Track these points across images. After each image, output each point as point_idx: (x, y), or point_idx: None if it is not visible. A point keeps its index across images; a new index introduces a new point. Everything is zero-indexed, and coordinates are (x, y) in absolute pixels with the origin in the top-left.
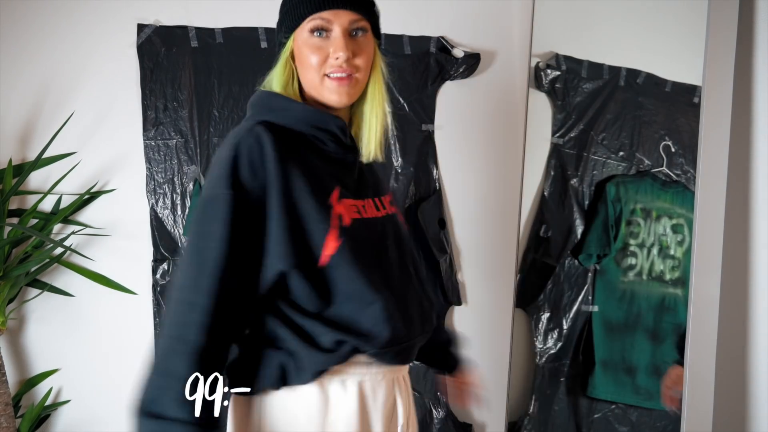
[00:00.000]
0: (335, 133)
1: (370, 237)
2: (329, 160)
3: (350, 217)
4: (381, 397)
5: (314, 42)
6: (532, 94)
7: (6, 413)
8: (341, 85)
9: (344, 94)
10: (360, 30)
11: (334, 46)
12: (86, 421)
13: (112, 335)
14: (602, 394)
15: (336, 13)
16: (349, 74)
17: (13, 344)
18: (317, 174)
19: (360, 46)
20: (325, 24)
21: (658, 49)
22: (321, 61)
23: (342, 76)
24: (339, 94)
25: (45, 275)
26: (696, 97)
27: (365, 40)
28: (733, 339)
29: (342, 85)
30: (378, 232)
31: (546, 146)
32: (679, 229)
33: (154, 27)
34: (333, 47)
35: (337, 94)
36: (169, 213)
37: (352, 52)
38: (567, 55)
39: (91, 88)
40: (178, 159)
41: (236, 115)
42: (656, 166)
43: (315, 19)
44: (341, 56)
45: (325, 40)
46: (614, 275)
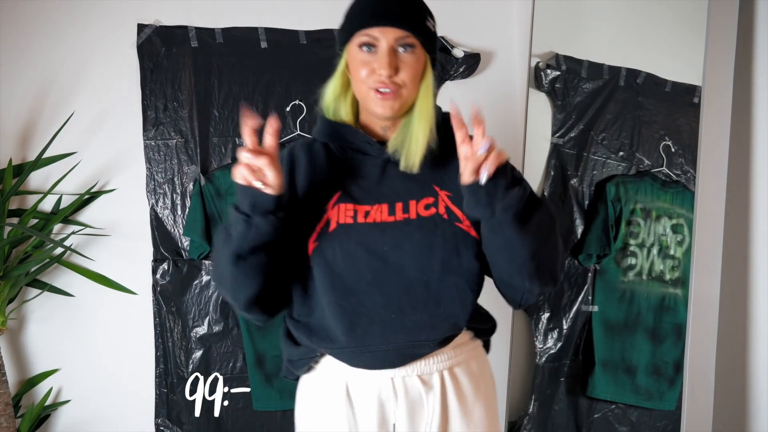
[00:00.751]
0: (358, 147)
1: (360, 241)
2: (342, 166)
3: (340, 222)
4: (366, 398)
5: (362, 57)
6: (532, 94)
7: (6, 413)
8: (385, 100)
9: (388, 107)
10: (407, 46)
11: (378, 62)
12: (86, 421)
13: (112, 335)
14: (602, 394)
15: (383, 30)
16: (393, 90)
17: (13, 344)
18: (322, 180)
19: (406, 63)
20: (372, 40)
21: (658, 49)
22: (368, 75)
23: (386, 91)
24: (383, 108)
25: (45, 275)
26: (696, 97)
27: (412, 56)
28: (733, 339)
29: (386, 100)
30: (373, 237)
31: (546, 146)
32: (679, 229)
33: (154, 27)
34: (378, 63)
35: (381, 108)
36: (169, 213)
37: (396, 69)
38: (567, 55)
39: (91, 88)
40: (178, 159)
41: (236, 115)
42: (656, 166)
43: (363, 35)
44: (383, 73)
45: (372, 55)
46: (614, 275)
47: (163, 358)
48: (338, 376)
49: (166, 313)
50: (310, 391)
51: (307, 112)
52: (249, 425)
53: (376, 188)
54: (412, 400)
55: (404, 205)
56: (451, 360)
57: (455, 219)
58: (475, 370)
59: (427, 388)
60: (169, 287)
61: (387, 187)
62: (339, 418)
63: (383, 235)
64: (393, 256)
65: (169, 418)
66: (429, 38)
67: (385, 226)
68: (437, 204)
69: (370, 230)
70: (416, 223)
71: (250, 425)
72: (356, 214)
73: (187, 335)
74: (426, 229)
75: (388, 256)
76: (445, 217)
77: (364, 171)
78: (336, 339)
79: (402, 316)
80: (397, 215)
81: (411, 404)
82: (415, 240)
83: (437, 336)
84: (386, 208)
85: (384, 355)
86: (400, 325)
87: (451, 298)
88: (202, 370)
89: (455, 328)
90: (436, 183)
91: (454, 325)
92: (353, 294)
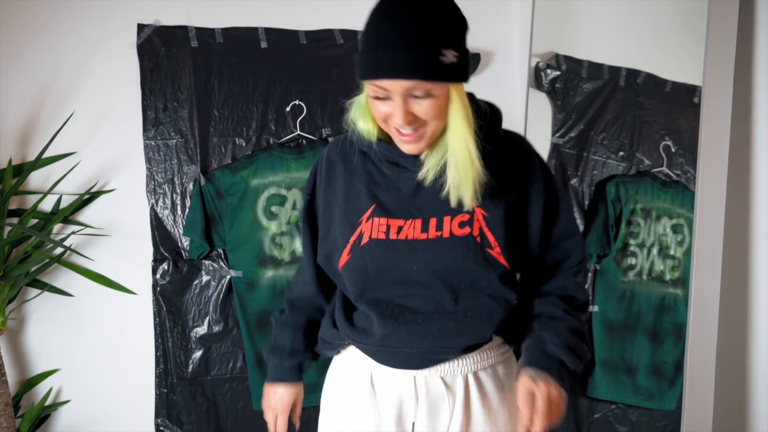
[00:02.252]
0: (394, 160)
1: (391, 258)
2: (378, 177)
3: (372, 237)
4: (387, 393)
5: (377, 104)
6: (532, 94)
7: (6, 413)
8: (409, 142)
9: (413, 149)
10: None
11: (394, 111)
12: (86, 421)
13: (112, 335)
14: (602, 394)
15: (392, 83)
16: (415, 131)
17: (13, 344)
18: (358, 190)
19: (423, 107)
20: (383, 93)
21: (658, 49)
22: (385, 120)
23: (408, 132)
24: (408, 148)
25: (45, 275)
26: (696, 97)
27: (430, 100)
28: (733, 339)
29: (410, 141)
30: (404, 255)
31: (546, 146)
32: (679, 229)
33: (154, 27)
34: (394, 112)
35: (407, 147)
36: (169, 213)
37: (413, 116)
38: (567, 55)
39: (91, 88)
40: (178, 159)
41: (236, 115)
42: (656, 166)
43: (372, 86)
44: (399, 123)
45: (387, 103)
46: (614, 275)
47: (163, 358)
48: (364, 366)
49: (166, 313)
50: (338, 372)
51: (307, 112)
52: (249, 425)
53: (411, 202)
54: (434, 400)
55: (438, 221)
56: (477, 364)
57: (487, 245)
58: (501, 375)
59: (450, 391)
60: (169, 287)
61: (422, 201)
62: (363, 405)
63: (414, 254)
64: (423, 274)
65: (169, 418)
66: (449, 72)
67: (417, 245)
68: (472, 223)
69: (401, 247)
70: (449, 243)
71: (250, 425)
72: (389, 230)
73: (187, 335)
74: (458, 250)
75: (419, 274)
76: (478, 240)
77: (400, 183)
78: (363, 335)
79: (428, 323)
80: (430, 233)
81: (432, 405)
82: (446, 261)
83: (461, 344)
84: (419, 224)
85: (407, 357)
86: (426, 331)
87: (479, 313)
88: (202, 370)
89: (481, 338)
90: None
91: (480, 335)
92: (383, 302)
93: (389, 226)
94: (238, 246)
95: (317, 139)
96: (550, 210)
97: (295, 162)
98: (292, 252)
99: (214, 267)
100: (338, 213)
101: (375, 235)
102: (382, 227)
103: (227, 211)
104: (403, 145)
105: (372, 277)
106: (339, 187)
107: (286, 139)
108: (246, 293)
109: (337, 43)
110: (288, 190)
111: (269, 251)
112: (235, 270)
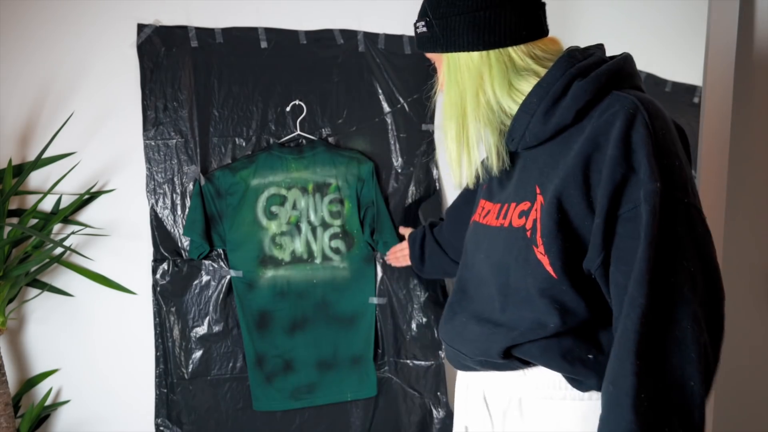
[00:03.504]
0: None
1: (474, 242)
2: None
3: (473, 218)
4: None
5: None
6: None
7: (6, 413)
8: None
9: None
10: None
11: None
12: (86, 421)
13: (112, 335)
14: None
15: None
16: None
17: (13, 344)
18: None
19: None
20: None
21: (658, 49)
22: None
23: None
24: None
25: (45, 275)
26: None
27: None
28: (733, 339)
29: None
30: (479, 240)
31: None
32: None
33: (154, 27)
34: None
35: None
36: (169, 213)
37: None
38: None
39: (91, 88)
40: (178, 159)
41: (236, 115)
42: None
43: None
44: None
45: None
46: None
47: (163, 358)
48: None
49: (165, 313)
50: None
51: (307, 112)
52: (249, 425)
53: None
54: (476, 411)
55: (507, 208)
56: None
57: (534, 242)
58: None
59: (487, 410)
60: (169, 287)
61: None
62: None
63: (484, 241)
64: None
65: (169, 418)
66: (434, 42)
67: (488, 231)
68: (529, 213)
69: (482, 232)
70: (504, 234)
71: (250, 425)
72: (482, 212)
73: (187, 335)
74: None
75: (482, 265)
76: (528, 235)
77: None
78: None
79: (467, 322)
80: (500, 220)
81: (475, 415)
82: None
83: (473, 354)
84: (497, 209)
85: (451, 355)
86: (460, 331)
87: (507, 326)
88: (202, 370)
89: (488, 354)
90: (539, 181)
91: (487, 351)
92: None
93: (483, 208)
94: (238, 246)
95: (317, 139)
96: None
97: (295, 162)
98: (292, 252)
99: (214, 267)
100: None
101: (476, 217)
102: (481, 209)
103: (227, 211)
104: None
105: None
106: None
107: (286, 139)
108: (246, 293)
109: (337, 43)
110: (288, 190)
111: (269, 251)
112: (235, 270)
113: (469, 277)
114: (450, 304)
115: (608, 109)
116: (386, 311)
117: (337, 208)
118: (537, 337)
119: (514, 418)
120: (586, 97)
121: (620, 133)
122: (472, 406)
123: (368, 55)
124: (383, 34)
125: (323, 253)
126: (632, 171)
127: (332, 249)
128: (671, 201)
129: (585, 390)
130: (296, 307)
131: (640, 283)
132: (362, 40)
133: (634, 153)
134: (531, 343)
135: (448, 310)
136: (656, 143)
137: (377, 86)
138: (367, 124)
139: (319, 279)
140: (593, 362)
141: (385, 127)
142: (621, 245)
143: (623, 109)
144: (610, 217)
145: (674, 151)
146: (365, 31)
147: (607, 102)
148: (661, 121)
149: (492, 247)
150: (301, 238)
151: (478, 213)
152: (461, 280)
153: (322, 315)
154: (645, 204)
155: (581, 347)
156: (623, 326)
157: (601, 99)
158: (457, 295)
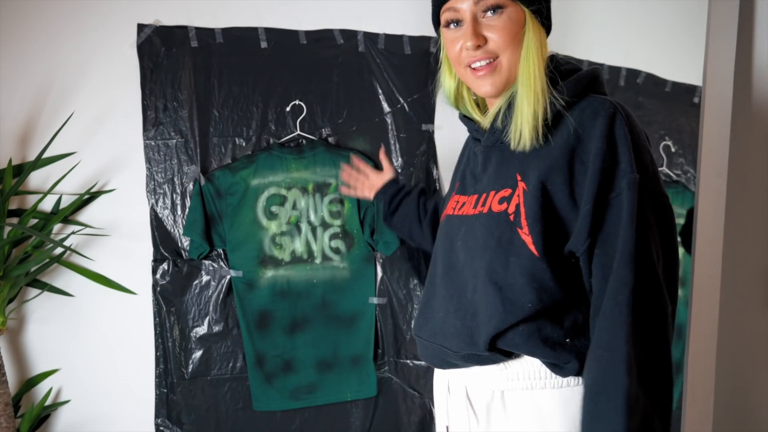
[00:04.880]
0: (473, 135)
1: (447, 233)
2: (471, 156)
3: (446, 213)
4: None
5: (450, 35)
6: None
7: (6, 413)
8: (481, 77)
9: (487, 84)
10: (494, 9)
11: (462, 35)
12: (86, 421)
13: (112, 335)
14: None
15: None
16: (488, 62)
17: (13, 344)
18: (457, 170)
19: (495, 27)
20: (455, 15)
21: (658, 49)
22: (459, 53)
23: (479, 65)
24: (483, 86)
25: (45, 275)
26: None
27: (502, 18)
28: (733, 339)
29: (482, 76)
30: (453, 231)
31: None
32: (680, 230)
33: (154, 27)
34: (463, 36)
35: (480, 86)
36: (169, 213)
37: (484, 37)
38: (567, 55)
39: (91, 88)
40: (178, 159)
41: (236, 115)
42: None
43: (446, 11)
44: (467, 45)
45: (459, 30)
46: None
47: (163, 358)
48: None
49: (165, 313)
50: None
51: (307, 112)
52: (249, 425)
53: (480, 176)
54: (458, 409)
55: (486, 196)
56: (505, 382)
57: (518, 224)
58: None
59: (470, 407)
60: (169, 287)
61: (487, 175)
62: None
63: (460, 230)
64: (460, 253)
65: (169, 418)
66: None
67: (464, 219)
68: (511, 198)
69: (456, 223)
70: (483, 219)
71: (250, 425)
72: (456, 206)
73: (187, 335)
74: (488, 228)
75: (458, 253)
76: (511, 219)
77: (477, 158)
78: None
79: (446, 317)
80: (477, 208)
81: (457, 413)
82: (476, 238)
83: (458, 348)
84: (474, 199)
85: (431, 353)
86: (440, 327)
87: (484, 312)
88: (202, 370)
89: (473, 346)
90: (520, 170)
91: (473, 343)
92: (432, 284)
93: (458, 202)
94: (238, 246)
95: (317, 139)
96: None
97: (295, 162)
98: (292, 252)
99: (214, 267)
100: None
101: (448, 211)
102: (454, 204)
103: (227, 211)
104: (478, 84)
105: (436, 252)
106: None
107: (286, 139)
108: (246, 293)
109: (337, 43)
110: (288, 190)
111: (269, 251)
112: (235, 270)
113: (443, 271)
114: (425, 303)
115: (588, 108)
116: (386, 311)
117: (337, 208)
118: (516, 319)
119: (497, 412)
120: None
121: (604, 129)
122: (454, 404)
123: (368, 55)
124: (383, 34)
125: (323, 253)
126: (616, 163)
127: (332, 249)
128: (646, 190)
129: (565, 375)
130: (296, 307)
131: (628, 262)
132: (362, 40)
133: (617, 146)
134: (513, 331)
135: (424, 308)
136: (633, 140)
137: (377, 86)
138: (367, 124)
139: (319, 279)
140: (570, 345)
141: (385, 127)
142: (606, 229)
143: (604, 109)
144: (598, 202)
145: (646, 147)
146: (365, 31)
147: (585, 102)
148: (633, 121)
149: (470, 233)
150: (301, 238)
151: (451, 207)
152: (434, 277)
153: (322, 315)
154: (627, 191)
155: (558, 332)
156: (614, 301)
157: (579, 100)
158: (430, 291)
